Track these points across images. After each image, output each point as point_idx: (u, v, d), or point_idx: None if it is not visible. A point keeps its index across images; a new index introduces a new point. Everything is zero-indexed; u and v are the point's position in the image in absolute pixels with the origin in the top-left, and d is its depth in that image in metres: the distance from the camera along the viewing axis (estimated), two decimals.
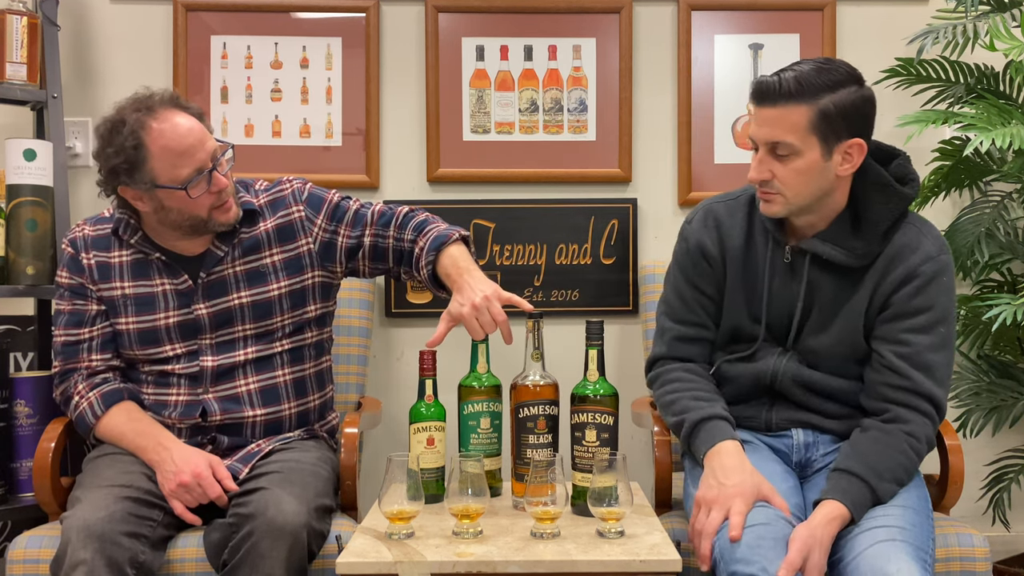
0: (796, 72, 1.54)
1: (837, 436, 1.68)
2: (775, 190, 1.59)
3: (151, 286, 1.81)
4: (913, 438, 1.56)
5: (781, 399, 1.70)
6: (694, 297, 1.74)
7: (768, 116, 1.55)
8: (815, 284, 1.65)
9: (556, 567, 1.44)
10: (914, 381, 1.57)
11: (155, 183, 1.70)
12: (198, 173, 1.71)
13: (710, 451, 1.57)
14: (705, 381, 1.71)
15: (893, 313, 1.61)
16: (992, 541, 1.76)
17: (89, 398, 1.79)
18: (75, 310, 1.83)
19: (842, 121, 1.54)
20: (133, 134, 1.68)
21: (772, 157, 1.57)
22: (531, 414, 1.72)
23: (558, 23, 2.45)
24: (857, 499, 1.48)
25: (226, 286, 1.82)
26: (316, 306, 1.89)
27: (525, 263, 2.44)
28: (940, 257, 1.61)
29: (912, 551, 1.40)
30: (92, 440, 1.85)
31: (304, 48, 2.45)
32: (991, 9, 2.23)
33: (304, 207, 1.88)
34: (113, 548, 1.51)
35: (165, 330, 1.81)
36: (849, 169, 1.58)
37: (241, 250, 1.83)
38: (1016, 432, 2.39)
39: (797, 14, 2.45)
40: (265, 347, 1.83)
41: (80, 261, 1.83)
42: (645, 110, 2.47)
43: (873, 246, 1.61)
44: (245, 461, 1.74)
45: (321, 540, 1.64)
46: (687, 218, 1.80)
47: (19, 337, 2.30)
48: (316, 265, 1.87)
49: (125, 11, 2.43)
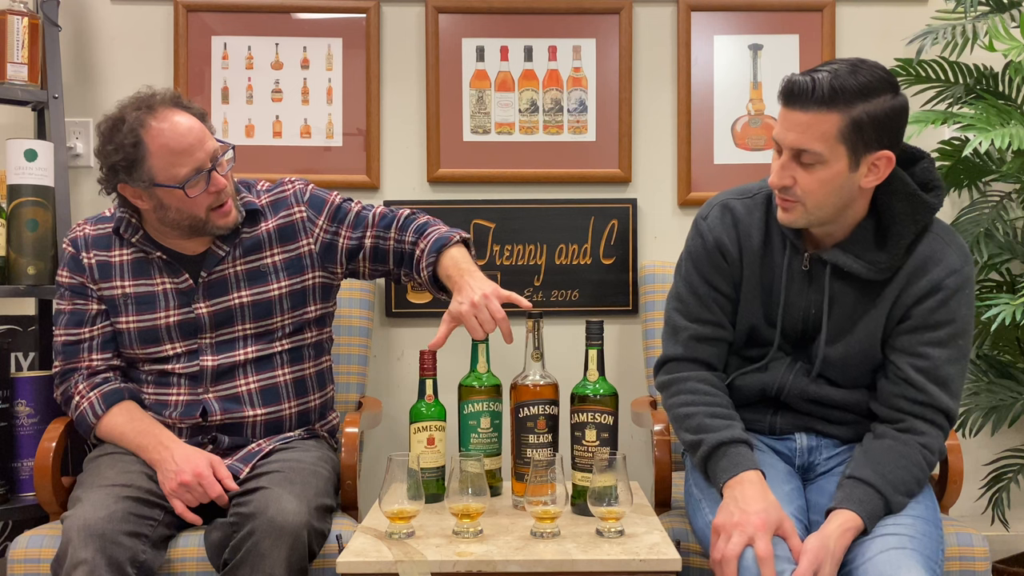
0: (831, 74, 1.44)
1: (841, 440, 1.67)
2: (795, 198, 1.51)
3: (151, 285, 1.82)
4: (928, 450, 1.53)
5: (787, 408, 1.68)
6: (710, 295, 1.65)
7: (798, 121, 1.46)
8: (834, 294, 1.59)
9: (556, 566, 1.44)
10: (930, 395, 1.53)
11: (153, 181, 1.70)
12: (196, 172, 1.71)
13: (732, 480, 1.48)
14: (722, 395, 1.63)
15: (913, 325, 1.56)
16: (991, 540, 1.76)
17: (90, 398, 1.79)
18: (75, 309, 1.83)
19: (873, 132, 1.45)
20: (132, 132, 1.69)
21: (796, 163, 1.49)
22: (531, 414, 1.72)
23: (558, 24, 2.45)
24: (872, 511, 1.46)
25: (226, 285, 1.82)
26: (316, 306, 1.89)
27: (525, 263, 2.44)
28: (964, 269, 1.55)
29: (922, 560, 1.39)
30: (93, 440, 1.85)
31: (305, 49, 2.45)
32: (990, 10, 2.23)
33: (306, 208, 1.88)
34: (114, 548, 1.51)
35: (165, 329, 1.81)
36: (874, 181, 1.50)
37: (242, 250, 1.84)
38: (1015, 432, 2.39)
39: (797, 15, 2.46)
40: (265, 347, 1.84)
41: (81, 260, 1.83)
42: (645, 110, 2.47)
43: (896, 260, 1.54)
44: (246, 461, 1.75)
45: (322, 540, 1.64)
46: (701, 213, 1.69)
47: (20, 337, 2.30)
48: (317, 266, 1.88)
49: (126, 12, 2.44)
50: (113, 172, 1.72)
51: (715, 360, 1.67)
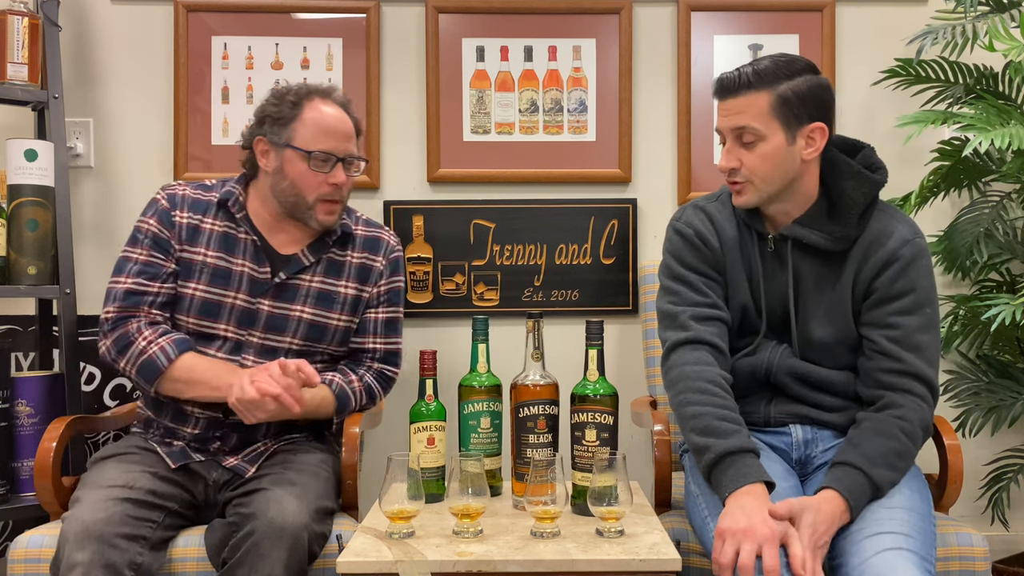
0: (754, 65, 1.62)
1: (836, 431, 1.69)
2: (744, 178, 1.64)
3: (231, 262, 1.84)
4: (904, 421, 1.57)
5: (779, 393, 1.71)
6: (700, 280, 1.71)
7: (731, 106, 1.62)
8: (799, 270, 1.68)
9: (556, 566, 1.44)
10: (906, 362, 1.60)
11: (290, 142, 1.82)
12: (328, 155, 1.82)
13: (739, 491, 1.48)
14: (730, 398, 1.62)
15: (878, 298, 1.64)
16: (991, 540, 1.76)
17: (160, 343, 1.76)
18: (151, 262, 1.82)
19: (801, 106, 1.60)
20: (298, 96, 1.84)
21: (739, 146, 1.63)
22: (531, 414, 1.72)
23: (558, 24, 2.45)
24: (851, 486, 1.48)
25: (295, 295, 1.85)
26: (348, 347, 1.95)
27: (525, 263, 2.44)
28: (916, 240, 1.65)
29: (917, 561, 1.40)
30: (152, 392, 1.79)
31: (305, 49, 2.45)
32: (990, 10, 2.23)
33: (384, 265, 1.95)
34: (110, 551, 1.51)
35: (229, 308, 1.82)
36: (813, 153, 1.63)
37: (324, 267, 1.88)
38: (1015, 432, 2.39)
39: (796, 15, 2.46)
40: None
41: (172, 217, 1.85)
42: (645, 110, 2.47)
43: (850, 229, 1.65)
44: (252, 461, 1.76)
45: (322, 542, 1.64)
46: (675, 216, 1.78)
47: (20, 337, 2.31)
48: (356, 312, 1.93)
49: (126, 12, 2.44)
50: (260, 123, 1.86)
51: (720, 341, 1.67)
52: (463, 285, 2.44)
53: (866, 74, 2.43)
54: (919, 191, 2.25)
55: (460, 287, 2.44)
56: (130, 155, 2.44)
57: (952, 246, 2.27)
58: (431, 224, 2.43)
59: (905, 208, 2.22)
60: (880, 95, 2.44)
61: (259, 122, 1.86)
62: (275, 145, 1.83)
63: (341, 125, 1.85)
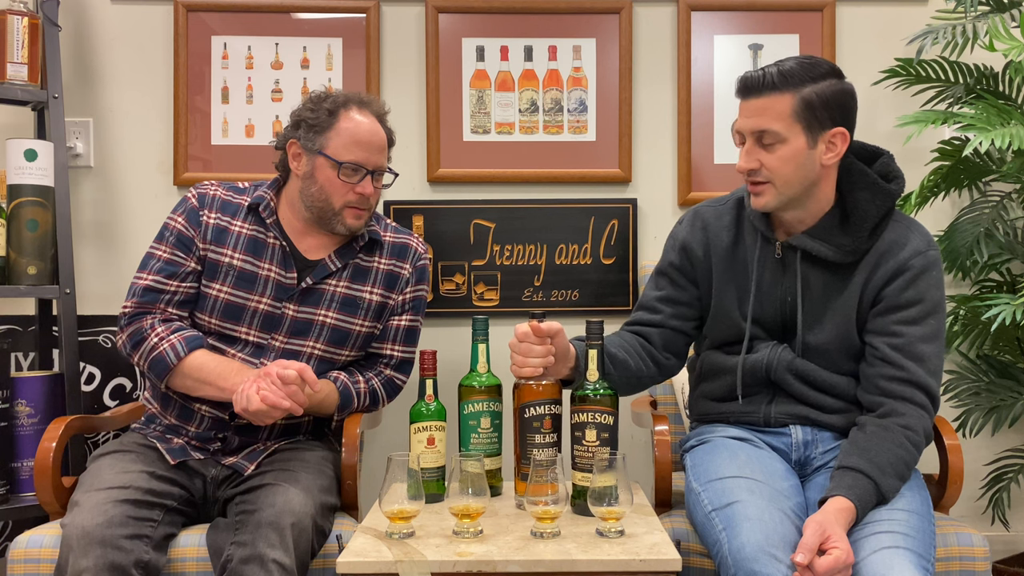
0: (779, 66, 1.60)
1: (836, 432, 1.69)
2: (764, 179, 1.62)
3: (258, 266, 1.84)
4: (910, 431, 1.57)
5: (780, 393, 1.71)
6: (669, 287, 1.80)
7: (753, 107, 1.61)
8: (806, 280, 1.68)
9: (556, 566, 1.44)
10: (908, 371, 1.59)
11: (322, 150, 1.82)
12: (358, 166, 1.82)
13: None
14: (631, 338, 1.80)
15: (885, 306, 1.63)
16: (991, 540, 1.76)
17: (171, 340, 1.76)
18: (173, 260, 1.83)
19: (824, 111, 1.59)
20: (335, 105, 1.85)
21: (759, 147, 1.62)
22: (537, 414, 1.72)
23: (558, 23, 2.45)
24: (862, 495, 1.49)
25: (321, 299, 1.85)
26: (367, 352, 1.95)
27: (525, 263, 2.44)
28: (929, 252, 1.64)
29: (915, 559, 1.40)
30: (163, 387, 1.80)
31: (305, 48, 2.45)
32: (990, 9, 2.23)
33: (411, 272, 1.95)
34: (115, 553, 1.50)
35: (252, 312, 1.82)
36: (833, 158, 1.62)
37: (351, 272, 1.88)
38: (1015, 432, 2.39)
39: (797, 14, 2.46)
40: (320, 370, 1.84)
41: (200, 217, 1.85)
42: (645, 110, 2.47)
43: (861, 243, 1.64)
44: (251, 459, 1.76)
45: (323, 538, 1.65)
46: (678, 220, 1.84)
47: (20, 337, 2.30)
48: (380, 319, 1.93)
49: (126, 11, 2.44)
50: (296, 127, 1.86)
51: (652, 338, 1.80)
52: (463, 285, 2.44)
53: (866, 74, 2.43)
54: (919, 191, 2.25)
55: (460, 287, 2.44)
56: (130, 155, 2.44)
57: (952, 246, 2.27)
58: (431, 224, 2.43)
59: (905, 208, 2.22)
60: (880, 95, 2.44)
61: (294, 125, 1.87)
62: (307, 150, 1.84)
63: (374, 138, 1.85)
